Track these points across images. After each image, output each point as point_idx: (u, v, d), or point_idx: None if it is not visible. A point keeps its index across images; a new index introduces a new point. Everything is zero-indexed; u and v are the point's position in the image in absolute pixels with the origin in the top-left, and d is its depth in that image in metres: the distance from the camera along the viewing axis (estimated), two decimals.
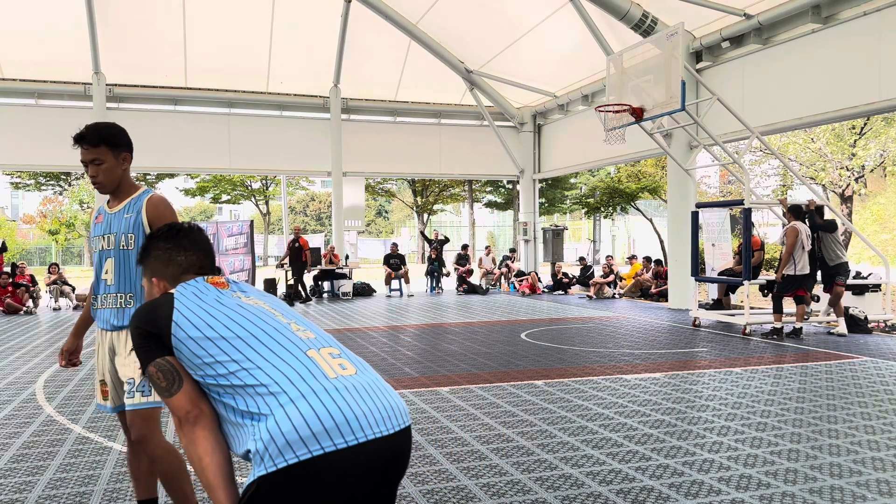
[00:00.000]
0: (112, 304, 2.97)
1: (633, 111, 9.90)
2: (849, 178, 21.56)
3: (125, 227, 2.96)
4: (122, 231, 2.96)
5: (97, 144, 2.91)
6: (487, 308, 13.70)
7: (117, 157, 2.97)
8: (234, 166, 18.20)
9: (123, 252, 2.96)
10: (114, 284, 2.97)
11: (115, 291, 2.97)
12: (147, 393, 2.87)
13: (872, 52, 10.08)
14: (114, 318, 2.96)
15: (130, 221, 2.97)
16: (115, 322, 2.96)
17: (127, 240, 2.95)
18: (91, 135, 2.91)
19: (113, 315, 2.97)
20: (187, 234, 2.16)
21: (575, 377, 6.67)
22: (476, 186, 33.70)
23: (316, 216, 55.26)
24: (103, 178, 2.96)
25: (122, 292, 2.97)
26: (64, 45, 15.55)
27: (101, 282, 3.02)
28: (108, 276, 2.99)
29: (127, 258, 2.96)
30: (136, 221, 2.96)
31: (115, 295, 2.97)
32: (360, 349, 8.55)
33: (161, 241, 2.14)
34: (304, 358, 1.85)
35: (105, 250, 3.00)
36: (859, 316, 9.81)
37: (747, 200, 9.63)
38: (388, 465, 1.81)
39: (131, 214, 2.97)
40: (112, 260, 2.98)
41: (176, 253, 2.12)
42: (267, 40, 16.47)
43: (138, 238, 2.95)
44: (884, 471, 3.90)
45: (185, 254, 2.12)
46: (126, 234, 2.95)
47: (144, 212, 2.97)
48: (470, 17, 15.79)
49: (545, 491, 3.63)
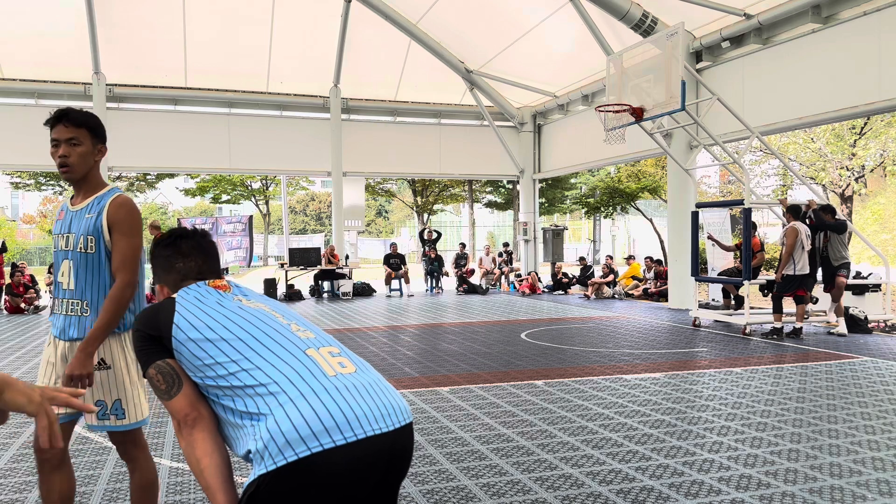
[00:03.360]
0: (68, 310, 2.72)
1: (633, 111, 9.90)
2: (849, 178, 21.57)
3: (85, 229, 2.70)
4: (82, 232, 2.70)
5: (79, 125, 2.69)
6: (487, 308, 13.70)
7: (94, 146, 2.75)
8: (235, 166, 18.20)
9: (82, 255, 2.70)
10: (70, 290, 2.72)
11: (71, 297, 2.72)
12: (121, 416, 2.70)
13: (872, 52, 10.07)
14: (71, 328, 2.71)
15: (91, 223, 2.70)
16: (71, 333, 2.71)
17: (87, 242, 2.69)
18: (75, 114, 2.70)
19: (70, 325, 2.72)
20: (189, 238, 2.16)
21: (575, 377, 6.67)
22: (476, 186, 33.69)
23: (316, 216, 55.27)
24: (75, 160, 2.69)
25: (79, 299, 2.71)
26: (64, 45, 15.56)
27: (58, 285, 2.77)
28: (65, 280, 2.73)
29: (86, 263, 2.70)
30: (97, 224, 2.70)
31: (71, 301, 2.72)
32: (360, 349, 8.55)
33: (162, 247, 2.16)
34: (304, 357, 1.86)
35: (63, 250, 2.75)
36: (859, 316, 9.81)
37: (747, 200, 9.63)
38: (389, 463, 1.81)
39: (92, 215, 2.71)
40: (70, 262, 2.72)
41: (175, 259, 2.13)
42: (267, 40, 16.47)
43: (99, 242, 2.69)
44: (884, 471, 3.90)
45: (185, 260, 2.13)
46: (86, 235, 2.69)
47: (106, 213, 2.70)
48: (470, 17, 15.79)
49: (545, 491, 3.63)
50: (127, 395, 2.72)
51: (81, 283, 2.71)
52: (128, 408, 2.72)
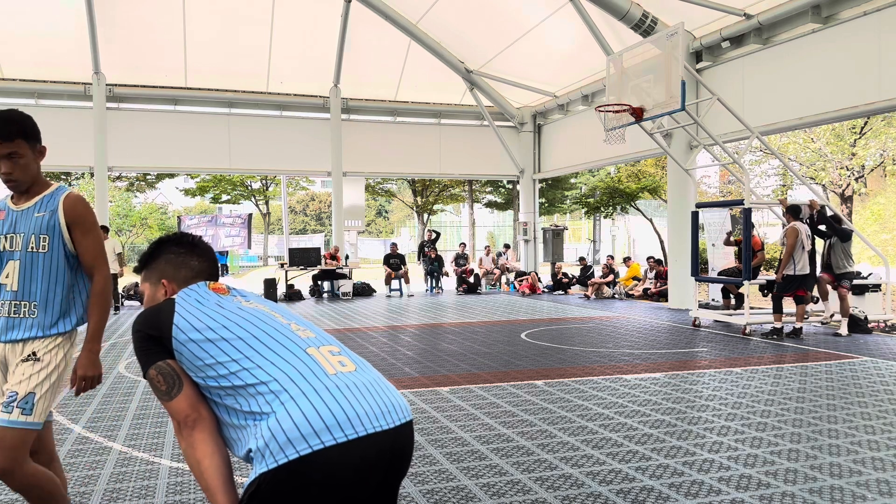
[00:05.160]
0: (11, 311, 2.63)
1: (633, 111, 9.90)
2: (849, 177, 21.57)
3: (36, 228, 2.62)
4: (33, 232, 2.62)
5: (13, 138, 2.55)
6: (487, 308, 13.70)
7: (34, 151, 2.64)
8: (235, 166, 18.20)
9: (33, 255, 2.63)
10: (14, 291, 2.63)
11: (14, 299, 2.63)
12: (28, 412, 2.51)
13: (872, 52, 10.07)
14: (13, 330, 2.62)
15: (43, 221, 2.63)
16: (13, 335, 2.62)
17: (39, 241, 2.62)
18: (5, 127, 2.55)
19: (12, 326, 2.63)
20: (199, 243, 2.24)
21: (575, 377, 6.67)
22: (476, 186, 33.68)
23: (316, 216, 55.25)
24: (20, 175, 2.61)
25: (26, 300, 2.63)
26: (64, 45, 15.55)
27: (0, 286, 2.67)
28: (10, 281, 2.64)
29: (36, 262, 2.63)
30: (52, 222, 2.63)
31: (14, 303, 2.63)
32: (360, 349, 8.55)
33: (175, 245, 2.19)
34: (304, 356, 1.87)
35: (7, 251, 2.65)
36: (859, 316, 9.81)
37: (747, 200, 9.63)
38: (390, 461, 1.82)
39: (43, 214, 2.63)
40: (16, 263, 2.63)
41: (190, 258, 2.17)
42: (267, 40, 16.48)
43: (53, 240, 2.63)
44: (884, 471, 3.90)
45: (199, 259, 2.18)
46: (38, 235, 2.62)
47: (61, 212, 2.64)
48: (470, 17, 15.79)
49: (545, 491, 3.63)
50: (43, 394, 2.60)
51: (29, 283, 2.63)
52: (37, 406, 2.57)
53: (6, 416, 2.49)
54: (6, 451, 2.47)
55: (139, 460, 4.22)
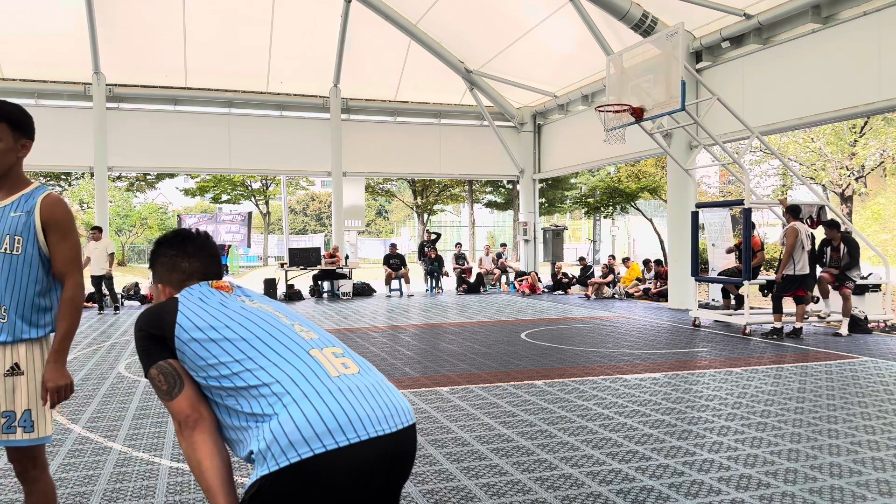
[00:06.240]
0: None
1: (633, 111, 9.90)
2: (849, 177, 21.57)
3: (12, 228, 2.51)
4: (7, 232, 2.51)
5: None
6: (487, 308, 13.70)
7: (17, 141, 2.53)
8: (235, 166, 18.20)
9: (6, 256, 2.50)
10: None
11: None
12: (29, 429, 2.48)
13: (872, 52, 10.07)
14: None
15: (19, 222, 2.51)
16: None
17: (13, 242, 2.50)
18: None
19: None
20: (193, 240, 2.16)
21: (575, 377, 6.67)
22: (476, 186, 33.68)
23: (316, 216, 55.25)
24: None
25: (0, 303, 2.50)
26: (64, 45, 15.55)
27: None
28: None
29: (10, 263, 2.51)
30: (28, 223, 2.52)
31: None
32: (361, 349, 8.55)
33: (166, 247, 2.15)
34: (308, 357, 1.86)
35: None
36: (859, 316, 9.81)
37: (747, 200, 9.63)
38: (392, 465, 1.81)
39: (19, 214, 2.52)
40: None
41: (181, 260, 2.12)
42: (267, 40, 16.47)
43: (28, 242, 2.52)
44: (884, 471, 3.90)
45: (190, 260, 2.12)
46: (13, 235, 2.51)
47: (38, 213, 2.53)
48: (470, 17, 15.79)
49: (545, 491, 3.64)
50: (38, 407, 2.52)
51: (2, 286, 2.50)
52: (37, 420, 2.51)
53: (13, 437, 2.48)
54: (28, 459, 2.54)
55: (139, 460, 4.22)
